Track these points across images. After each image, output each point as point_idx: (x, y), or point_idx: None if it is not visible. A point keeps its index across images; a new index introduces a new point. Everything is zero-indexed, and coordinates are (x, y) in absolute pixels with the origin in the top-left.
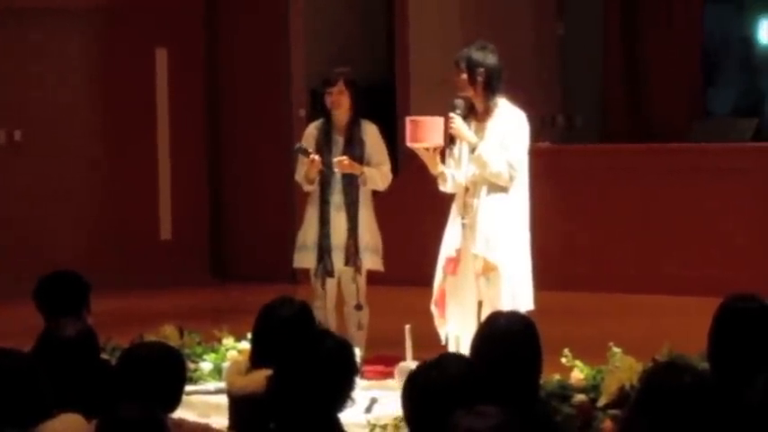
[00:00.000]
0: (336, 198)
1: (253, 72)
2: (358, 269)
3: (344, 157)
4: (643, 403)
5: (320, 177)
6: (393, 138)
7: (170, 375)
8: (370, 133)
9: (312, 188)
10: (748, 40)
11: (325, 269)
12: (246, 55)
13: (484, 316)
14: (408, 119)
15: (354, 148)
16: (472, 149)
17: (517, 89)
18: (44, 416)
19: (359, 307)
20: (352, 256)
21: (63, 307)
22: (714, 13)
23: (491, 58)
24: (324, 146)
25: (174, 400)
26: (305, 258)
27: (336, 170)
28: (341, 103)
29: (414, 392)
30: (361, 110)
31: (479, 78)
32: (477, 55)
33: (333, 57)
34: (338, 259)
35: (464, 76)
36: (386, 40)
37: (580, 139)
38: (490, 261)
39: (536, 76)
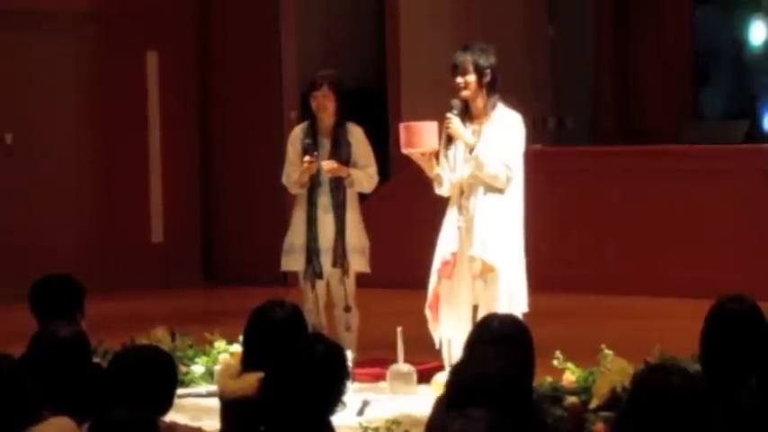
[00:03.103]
0: (323, 200)
1: (244, 74)
2: (345, 271)
3: (330, 162)
4: (633, 405)
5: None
6: (385, 141)
7: (161, 378)
8: (356, 136)
9: (300, 191)
10: (739, 42)
11: (314, 271)
12: (238, 57)
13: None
14: (402, 125)
15: (340, 150)
16: (470, 150)
17: (508, 91)
18: (32, 420)
19: (347, 309)
20: (340, 257)
21: (56, 310)
22: (705, 14)
23: (493, 59)
24: (312, 149)
25: (166, 402)
26: (293, 261)
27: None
28: (326, 107)
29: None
30: (351, 113)
31: (485, 80)
32: (483, 58)
33: (324, 59)
34: (326, 261)
35: (470, 78)
36: (377, 42)
37: (571, 140)
38: (488, 262)
39: (527, 79)
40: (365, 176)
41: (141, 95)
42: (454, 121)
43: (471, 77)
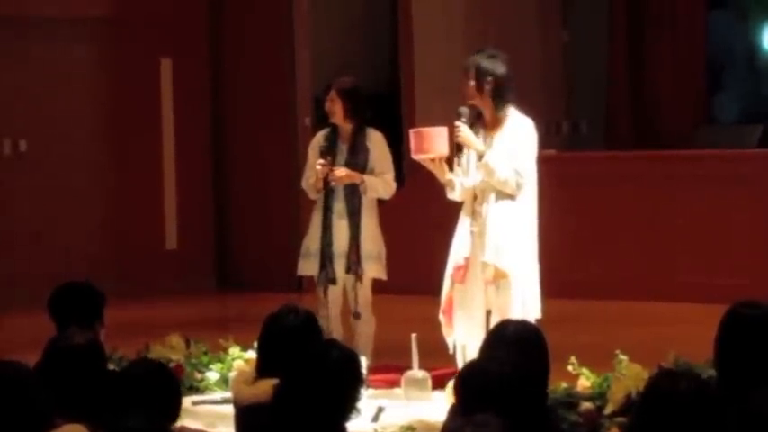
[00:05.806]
0: (339, 206)
1: (257, 81)
2: (359, 277)
3: (342, 169)
4: (643, 410)
5: (324, 185)
6: (398, 146)
7: (170, 389)
8: (375, 141)
9: (317, 195)
10: (753, 47)
11: (327, 277)
12: (251, 64)
13: (493, 324)
14: (411, 131)
15: (358, 156)
16: (479, 157)
17: (522, 96)
18: (44, 427)
19: (357, 315)
20: (353, 264)
21: (75, 318)
22: (718, 19)
23: (500, 67)
24: (328, 154)
25: (173, 412)
26: (308, 265)
27: (333, 182)
28: (334, 112)
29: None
30: (365, 118)
31: (487, 87)
32: (486, 63)
33: (337, 65)
34: (340, 267)
35: (472, 83)
36: (391, 47)
37: (585, 145)
38: (501, 269)
39: (541, 83)
40: (381, 183)
41: (155, 102)
42: (463, 129)
43: (470, 82)
